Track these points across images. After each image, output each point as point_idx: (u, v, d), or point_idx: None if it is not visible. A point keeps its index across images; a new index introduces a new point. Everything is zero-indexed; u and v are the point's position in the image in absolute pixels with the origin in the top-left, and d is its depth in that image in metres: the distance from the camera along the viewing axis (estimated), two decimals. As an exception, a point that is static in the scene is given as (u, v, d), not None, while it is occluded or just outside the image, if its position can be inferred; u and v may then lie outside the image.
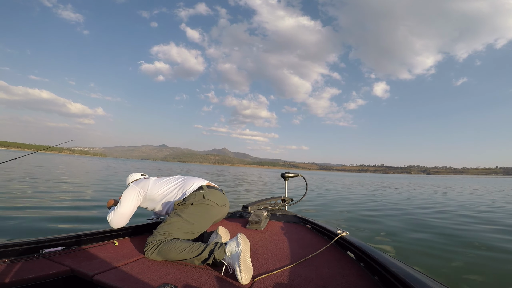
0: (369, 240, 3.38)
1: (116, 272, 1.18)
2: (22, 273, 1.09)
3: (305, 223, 2.22)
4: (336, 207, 6.35)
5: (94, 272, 1.15)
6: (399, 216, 5.31)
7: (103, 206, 4.58)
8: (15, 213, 3.68)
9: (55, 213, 3.90)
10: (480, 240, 3.42)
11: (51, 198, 5.13)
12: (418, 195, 10.65)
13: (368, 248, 1.32)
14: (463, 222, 4.72)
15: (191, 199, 1.61)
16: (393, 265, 1.06)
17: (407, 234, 3.68)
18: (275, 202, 2.81)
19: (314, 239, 1.81)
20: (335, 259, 1.40)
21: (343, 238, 1.57)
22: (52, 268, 1.16)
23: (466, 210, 6.46)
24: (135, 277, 1.13)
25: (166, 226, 1.48)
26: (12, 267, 1.14)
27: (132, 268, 1.23)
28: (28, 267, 1.16)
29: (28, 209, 4.04)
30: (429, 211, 6.14)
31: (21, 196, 5.12)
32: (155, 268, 1.24)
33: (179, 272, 1.21)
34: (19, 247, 1.27)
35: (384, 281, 1.07)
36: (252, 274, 1.19)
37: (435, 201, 8.59)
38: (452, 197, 10.27)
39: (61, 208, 4.33)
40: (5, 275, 1.06)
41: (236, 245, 1.28)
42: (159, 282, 1.08)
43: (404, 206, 6.97)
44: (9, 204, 4.30)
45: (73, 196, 5.66)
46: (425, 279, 0.91)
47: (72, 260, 1.27)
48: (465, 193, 12.78)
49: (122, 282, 1.08)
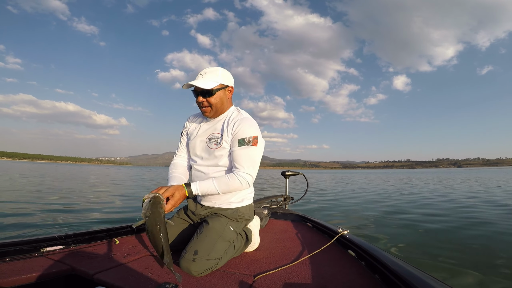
0: (371, 239, 3.38)
1: (117, 270, 1.18)
2: (22, 272, 1.09)
3: (306, 222, 2.21)
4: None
5: (95, 270, 1.15)
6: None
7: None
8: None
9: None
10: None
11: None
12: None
13: (369, 246, 1.32)
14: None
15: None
16: (394, 264, 1.05)
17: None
18: (276, 200, 2.81)
19: (315, 237, 1.81)
20: (336, 258, 1.39)
21: (344, 236, 1.56)
22: (52, 266, 1.16)
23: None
24: (136, 276, 1.13)
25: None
26: (13, 266, 1.14)
27: (133, 266, 1.23)
28: (28, 266, 1.15)
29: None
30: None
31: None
32: (156, 267, 1.24)
33: (180, 270, 1.21)
34: (20, 246, 1.27)
35: (385, 280, 1.06)
36: (253, 273, 1.19)
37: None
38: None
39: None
40: (6, 274, 1.06)
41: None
42: (160, 281, 1.08)
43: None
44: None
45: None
46: (426, 277, 0.91)
47: (73, 259, 1.26)
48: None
49: (123, 280, 1.08)
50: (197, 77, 1.38)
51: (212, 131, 1.46)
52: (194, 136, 1.52)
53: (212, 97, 1.37)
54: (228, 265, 1.31)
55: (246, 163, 1.35)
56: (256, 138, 1.37)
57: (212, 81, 1.36)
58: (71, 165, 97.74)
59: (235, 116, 1.43)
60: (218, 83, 1.37)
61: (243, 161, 1.35)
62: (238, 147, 1.35)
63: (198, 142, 1.49)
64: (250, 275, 1.19)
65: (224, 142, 1.39)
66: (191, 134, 1.55)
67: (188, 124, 1.60)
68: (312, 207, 6.05)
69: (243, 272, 1.23)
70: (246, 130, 1.36)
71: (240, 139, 1.35)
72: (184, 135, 1.61)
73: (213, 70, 1.39)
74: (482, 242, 3.17)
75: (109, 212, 4.82)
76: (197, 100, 1.40)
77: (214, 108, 1.40)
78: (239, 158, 1.35)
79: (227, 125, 1.41)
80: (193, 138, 1.52)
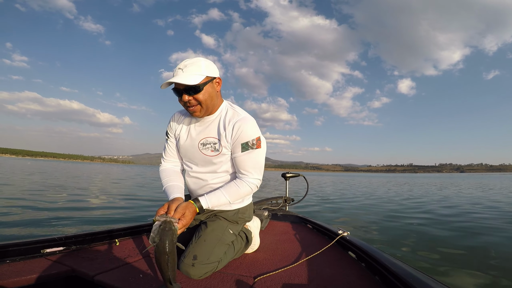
0: (371, 241, 3.38)
1: (117, 272, 1.18)
2: (23, 273, 1.09)
3: (306, 223, 2.21)
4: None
5: (95, 272, 1.15)
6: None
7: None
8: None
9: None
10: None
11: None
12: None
13: (369, 248, 1.32)
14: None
15: None
16: (394, 265, 1.05)
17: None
18: (276, 202, 2.81)
19: (315, 239, 1.81)
20: (336, 259, 1.39)
21: (344, 238, 1.56)
22: (53, 268, 1.16)
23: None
24: (136, 277, 1.13)
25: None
26: (13, 267, 1.14)
27: (133, 268, 1.23)
28: (29, 267, 1.16)
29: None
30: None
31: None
32: (156, 268, 1.24)
33: (180, 272, 1.21)
34: (20, 247, 1.27)
35: (385, 281, 1.06)
36: (254, 274, 1.19)
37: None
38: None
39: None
40: (6, 275, 1.06)
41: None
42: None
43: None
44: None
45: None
46: (426, 279, 0.91)
47: (73, 260, 1.27)
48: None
49: (123, 282, 1.08)
50: (176, 72, 1.16)
51: (205, 134, 1.29)
52: (184, 140, 1.35)
53: (200, 94, 1.17)
54: (228, 266, 1.31)
55: (253, 168, 1.27)
56: (259, 139, 1.26)
57: (196, 75, 1.15)
58: (73, 163, 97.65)
59: (231, 115, 1.27)
60: (203, 76, 1.17)
61: (250, 167, 1.27)
62: (242, 152, 1.24)
63: (189, 147, 1.33)
64: (250, 276, 1.19)
65: (223, 148, 1.26)
66: (180, 136, 1.37)
67: (174, 125, 1.40)
68: (313, 209, 6.04)
69: (243, 273, 1.23)
70: (248, 132, 1.23)
71: (243, 143, 1.23)
72: (171, 137, 1.41)
73: (194, 62, 1.17)
74: (483, 246, 3.17)
75: (110, 212, 4.81)
76: (182, 100, 1.19)
77: (204, 106, 1.21)
78: (245, 164, 1.26)
79: (224, 127, 1.25)
80: (183, 142, 1.35)
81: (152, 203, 5.68)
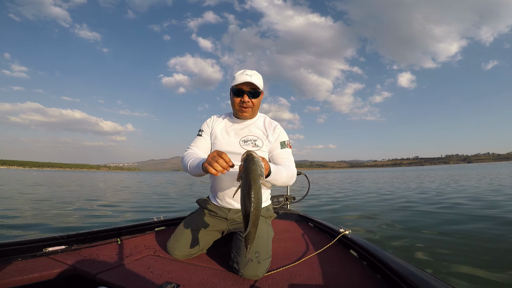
0: (372, 239, 3.37)
1: (119, 270, 1.18)
2: (25, 272, 1.09)
3: (307, 222, 2.21)
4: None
5: (97, 271, 1.15)
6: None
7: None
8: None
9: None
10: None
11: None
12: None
13: (371, 246, 1.31)
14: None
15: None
16: (396, 264, 1.05)
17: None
18: (278, 200, 2.80)
19: (317, 237, 1.80)
20: (338, 258, 1.39)
21: (346, 236, 1.56)
22: (55, 267, 1.17)
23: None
24: (138, 276, 1.13)
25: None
26: (15, 266, 1.15)
27: (135, 266, 1.23)
28: (31, 266, 1.16)
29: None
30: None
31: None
32: (158, 267, 1.24)
33: (182, 270, 1.21)
34: (22, 246, 1.27)
35: (387, 280, 1.06)
36: None
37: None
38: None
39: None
40: (8, 274, 1.06)
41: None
42: (162, 281, 1.08)
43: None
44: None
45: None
46: (427, 277, 0.90)
47: (75, 259, 1.27)
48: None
49: (125, 280, 1.08)
50: (244, 76, 1.36)
51: (246, 133, 1.48)
52: (223, 137, 1.49)
53: (257, 99, 1.44)
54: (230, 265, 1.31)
55: (291, 161, 1.45)
56: (289, 141, 1.53)
57: (260, 83, 1.40)
58: (80, 172, 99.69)
59: (269, 121, 1.55)
60: (262, 86, 1.42)
61: (288, 159, 1.45)
62: (281, 149, 1.46)
63: (231, 143, 1.46)
64: None
65: (264, 145, 1.44)
66: (216, 135, 1.51)
67: (212, 124, 1.56)
68: (314, 208, 6.03)
69: None
70: (284, 134, 1.51)
71: (281, 141, 1.47)
72: (205, 134, 1.55)
73: (256, 73, 1.42)
74: (488, 244, 3.15)
75: (113, 213, 4.83)
76: (242, 99, 1.40)
77: (254, 110, 1.47)
78: (285, 156, 1.45)
79: (266, 129, 1.49)
80: (222, 139, 1.49)
81: (159, 206, 5.70)
